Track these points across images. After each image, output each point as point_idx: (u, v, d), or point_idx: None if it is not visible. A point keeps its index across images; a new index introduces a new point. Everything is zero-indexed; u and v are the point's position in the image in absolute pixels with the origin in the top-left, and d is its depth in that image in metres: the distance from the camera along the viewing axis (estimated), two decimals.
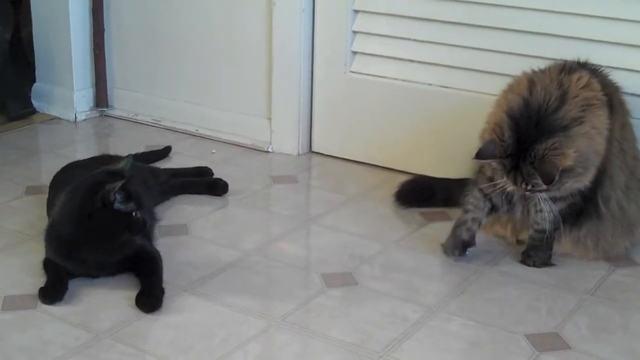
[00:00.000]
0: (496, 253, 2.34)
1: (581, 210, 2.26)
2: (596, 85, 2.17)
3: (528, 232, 2.31)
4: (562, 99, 2.11)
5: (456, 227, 2.31)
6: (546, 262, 2.29)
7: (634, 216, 2.32)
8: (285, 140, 3.07)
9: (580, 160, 2.10)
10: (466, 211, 2.30)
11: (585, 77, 2.17)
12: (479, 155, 2.13)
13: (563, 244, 2.32)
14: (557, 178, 2.06)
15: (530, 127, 2.09)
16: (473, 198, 2.29)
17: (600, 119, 2.14)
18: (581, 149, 2.09)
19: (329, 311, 2.06)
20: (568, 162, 2.06)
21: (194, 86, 3.26)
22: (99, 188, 2.02)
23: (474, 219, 2.29)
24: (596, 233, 2.28)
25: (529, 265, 2.29)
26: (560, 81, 2.14)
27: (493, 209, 2.29)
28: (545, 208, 2.19)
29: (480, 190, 2.27)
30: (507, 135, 2.10)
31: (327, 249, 2.38)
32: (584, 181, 2.16)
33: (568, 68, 2.20)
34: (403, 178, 2.69)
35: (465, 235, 2.30)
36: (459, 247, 2.30)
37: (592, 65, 2.28)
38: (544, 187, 2.09)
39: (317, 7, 2.93)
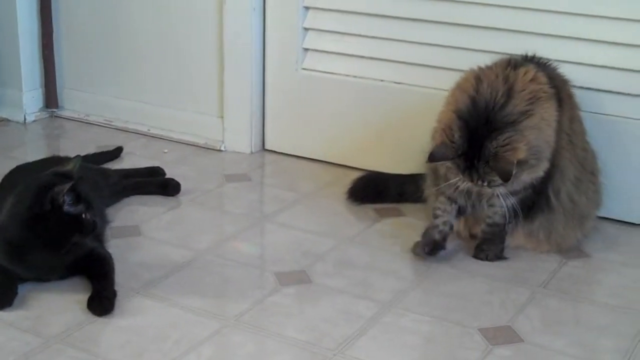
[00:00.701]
0: (450, 248, 2.35)
1: (533, 203, 2.27)
2: (543, 78, 2.19)
3: (480, 227, 2.32)
4: (509, 94, 2.12)
5: (427, 229, 2.32)
6: (499, 256, 2.30)
7: (585, 208, 2.34)
8: (238, 138, 3.06)
9: (532, 152, 2.12)
10: (435, 216, 2.31)
11: (531, 71, 2.18)
12: (432, 158, 2.14)
13: (516, 237, 2.34)
14: (514, 173, 2.07)
15: (480, 125, 2.10)
16: (440, 203, 2.30)
17: (548, 111, 2.16)
18: (532, 142, 2.11)
19: (283, 310, 2.05)
20: (520, 156, 2.08)
21: (145, 86, 3.24)
22: (48, 190, 1.99)
23: (444, 222, 2.30)
24: (548, 225, 2.30)
25: (482, 259, 2.30)
26: (507, 76, 2.16)
27: (460, 211, 2.30)
28: (498, 203, 2.21)
29: (443, 194, 2.28)
30: (457, 135, 2.11)
31: (281, 247, 2.38)
32: (538, 172, 2.18)
33: (514, 63, 2.22)
34: (356, 175, 2.69)
35: (437, 236, 2.30)
36: (430, 244, 2.29)
37: (540, 58, 2.30)
38: (501, 181, 2.10)
39: (267, 4, 2.92)
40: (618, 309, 2.09)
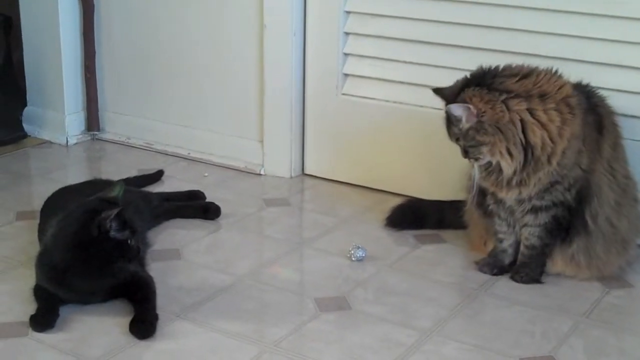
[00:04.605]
0: (490, 275, 2.33)
1: (569, 225, 2.26)
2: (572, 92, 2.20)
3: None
4: (528, 75, 2.18)
5: (497, 253, 2.36)
6: (535, 279, 2.30)
7: (627, 232, 2.31)
8: (278, 163, 3.07)
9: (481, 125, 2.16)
10: (500, 240, 2.35)
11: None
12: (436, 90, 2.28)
13: (555, 263, 2.32)
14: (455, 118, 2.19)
15: (477, 77, 2.20)
16: (498, 226, 2.34)
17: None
18: (489, 117, 2.14)
19: (323, 336, 2.05)
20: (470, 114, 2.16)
21: (185, 109, 3.26)
22: (94, 216, 2.01)
23: (510, 245, 2.34)
24: (587, 249, 2.27)
25: (516, 281, 2.30)
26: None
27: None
28: (532, 222, 2.25)
29: (499, 216, 2.32)
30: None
31: (321, 272, 2.37)
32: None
33: None
34: (395, 200, 2.69)
35: (506, 261, 2.35)
36: (498, 268, 2.35)
37: (587, 86, 2.29)
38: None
39: (308, 30, 2.94)
40: None
